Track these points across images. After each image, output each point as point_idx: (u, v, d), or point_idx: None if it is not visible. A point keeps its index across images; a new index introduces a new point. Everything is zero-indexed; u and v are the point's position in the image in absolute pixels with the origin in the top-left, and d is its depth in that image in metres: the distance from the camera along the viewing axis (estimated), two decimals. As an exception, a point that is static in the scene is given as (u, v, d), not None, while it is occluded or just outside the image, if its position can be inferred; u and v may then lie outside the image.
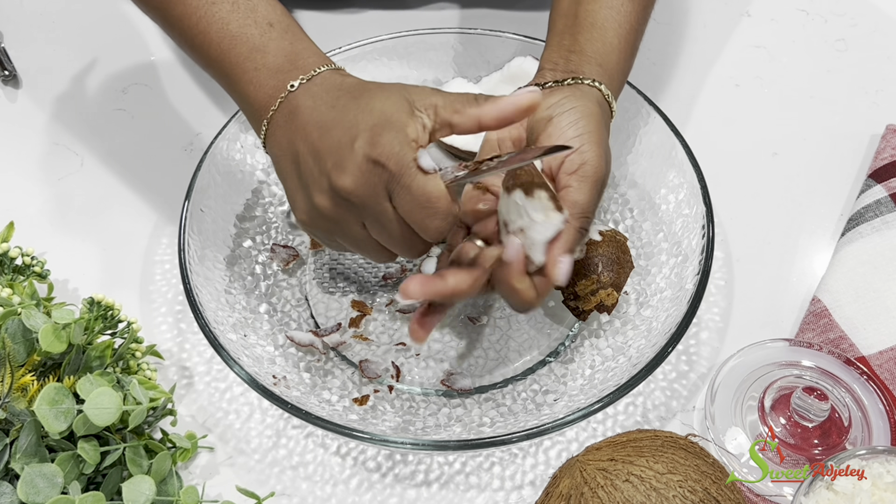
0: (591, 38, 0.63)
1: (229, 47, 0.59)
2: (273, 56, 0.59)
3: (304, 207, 0.57)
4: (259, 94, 0.58)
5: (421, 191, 0.52)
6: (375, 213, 0.54)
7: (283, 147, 0.57)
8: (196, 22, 0.60)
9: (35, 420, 0.57)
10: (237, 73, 0.59)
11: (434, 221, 0.53)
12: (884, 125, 0.82)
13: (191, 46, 0.62)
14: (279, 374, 0.65)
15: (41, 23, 0.98)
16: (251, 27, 0.59)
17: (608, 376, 0.64)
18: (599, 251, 0.67)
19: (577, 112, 0.58)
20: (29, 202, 0.82)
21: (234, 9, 0.60)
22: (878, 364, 0.67)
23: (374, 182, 0.52)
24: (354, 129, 0.53)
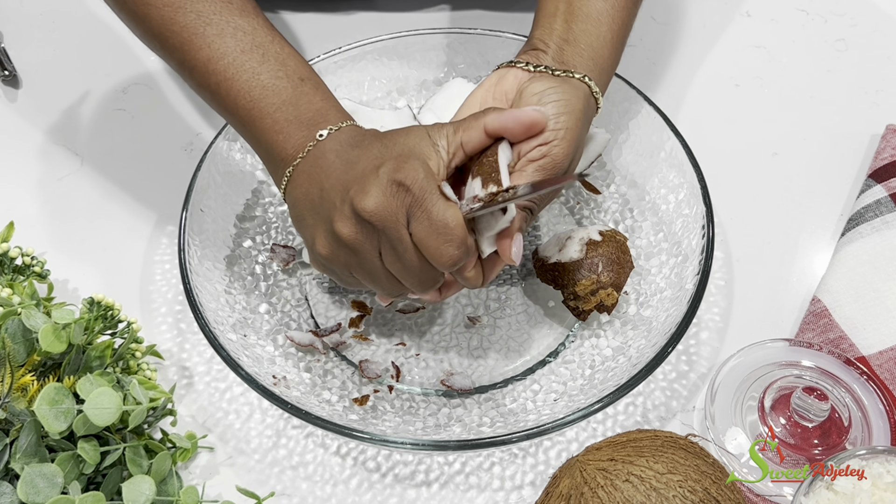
0: (586, 31, 0.63)
1: (260, 97, 0.60)
2: (305, 110, 0.60)
3: (323, 241, 0.57)
4: (287, 145, 0.59)
5: (440, 216, 0.54)
6: (393, 241, 0.55)
7: (303, 189, 0.58)
8: (224, 68, 0.61)
9: (35, 420, 0.57)
10: (266, 123, 0.60)
11: (449, 249, 0.54)
12: (884, 125, 0.82)
13: (213, 92, 0.62)
14: (279, 374, 0.65)
15: (41, 23, 0.98)
16: (283, 80, 0.60)
17: (608, 376, 0.64)
18: (599, 251, 0.67)
19: (561, 106, 0.58)
20: (29, 202, 0.82)
21: (265, 60, 0.61)
22: (878, 364, 0.67)
23: (396, 205, 0.54)
24: (379, 158, 0.55)
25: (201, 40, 0.61)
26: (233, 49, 0.61)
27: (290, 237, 0.76)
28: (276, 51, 0.62)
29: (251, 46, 0.61)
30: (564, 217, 0.77)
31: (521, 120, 0.56)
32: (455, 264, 0.55)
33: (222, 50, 0.61)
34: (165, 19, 0.62)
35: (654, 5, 0.95)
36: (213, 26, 0.61)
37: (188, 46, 0.62)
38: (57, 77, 0.92)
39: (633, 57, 0.91)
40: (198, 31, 0.61)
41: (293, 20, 0.95)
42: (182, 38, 0.62)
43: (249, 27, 0.62)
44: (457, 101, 0.69)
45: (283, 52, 0.62)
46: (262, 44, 0.61)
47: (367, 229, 0.55)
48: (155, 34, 0.64)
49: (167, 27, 0.62)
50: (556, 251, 0.68)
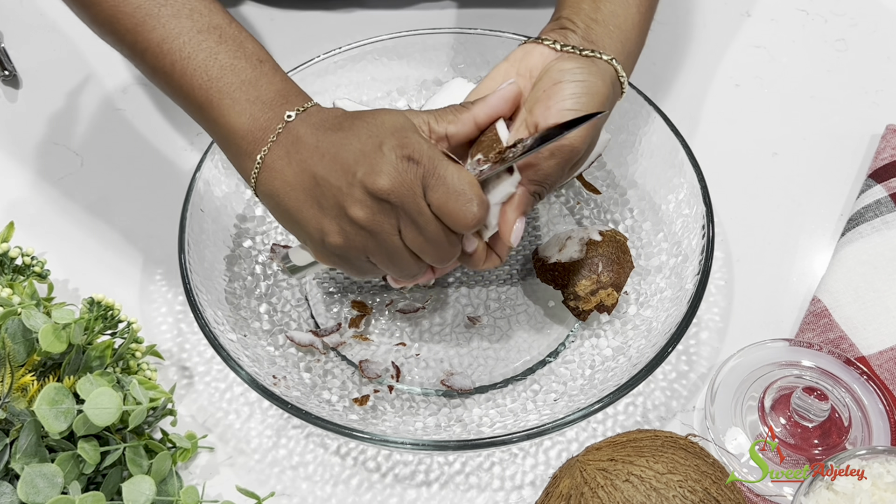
0: (615, 12, 0.62)
1: (218, 76, 0.57)
2: (265, 90, 0.58)
3: (336, 230, 0.55)
4: (253, 127, 0.57)
5: (456, 179, 0.53)
6: (413, 213, 0.54)
7: (289, 180, 0.56)
8: (179, 47, 0.58)
9: (35, 420, 0.57)
10: (226, 104, 0.57)
11: (471, 208, 0.53)
12: (884, 125, 0.82)
13: (168, 73, 0.59)
14: (279, 374, 0.65)
15: (41, 23, 0.98)
16: (242, 60, 0.58)
17: (608, 376, 0.64)
18: (599, 251, 0.67)
19: (583, 87, 0.57)
20: (29, 202, 0.82)
21: (222, 41, 0.59)
22: (878, 364, 0.67)
23: (411, 179, 0.53)
24: (376, 136, 0.54)
25: (155, 20, 0.59)
26: (189, 28, 0.59)
27: (291, 237, 0.76)
28: (234, 32, 0.60)
29: (208, 27, 0.59)
30: (564, 217, 0.77)
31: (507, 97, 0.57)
32: (479, 223, 0.54)
33: (178, 29, 0.59)
34: (117, 1, 0.60)
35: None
36: (167, 7, 0.59)
37: (141, 27, 0.59)
38: (57, 77, 0.92)
39: (633, 57, 0.91)
40: (151, 11, 0.59)
41: (293, 20, 0.95)
42: (135, 20, 0.59)
43: (206, 9, 0.60)
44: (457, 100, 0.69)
45: (241, 35, 0.60)
46: (219, 25, 0.59)
47: (385, 208, 0.53)
48: (106, 18, 0.61)
49: (119, 9, 0.60)
50: (556, 251, 0.68)
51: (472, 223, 0.54)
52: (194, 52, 0.58)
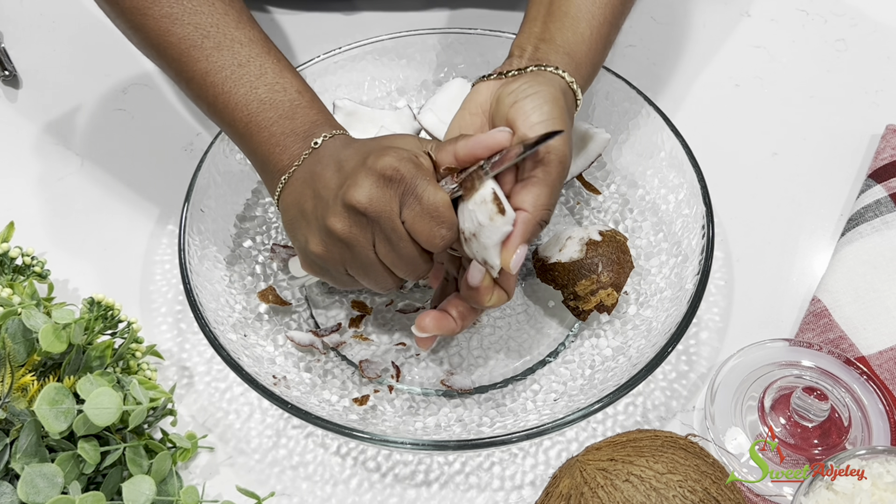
0: (562, 28, 0.63)
1: (257, 111, 0.61)
2: (300, 123, 0.61)
3: (317, 240, 0.58)
4: (283, 156, 0.60)
5: (431, 200, 0.54)
6: (387, 229, 0.55)
7: (296, 194, 0.59)
8: (221, 81, 0.61)
9: (35, 420, 0.57)
10: (263, 136, 0.61)
11: (441, 230, 0.55)
12: (884, 125, 0.82)
13: (211, 104, 0.63)
14: (279, 374, 0.65)
15: (41, 23, 0.98)
16: (280, 93, 0.61)
17: (608, 376, 0.64)
18: (599, 251, 0.67)
19: (540, 97, 0.58)
20: (29, 202, 0.82)
21: (262, 73, 0.61)
22: (878, 364, 0.68)
23: (389, 195, 0.54)
24: (365, 154, 0.56)
25: (199, 52, 0.62)
26: (230, 62, 0.61)
27: (290, 237, 0.76)
28: (273, 63, 0.62)
29: (248, 59, 0.62)
30: (564, 217, 0.77)
31: (488, 145, 0.56)
32: (446, 244, 0.56)
33: (220, 63, 0.61)
34: (163, 31, 0.62)
35: (655, 6, 0.95)
36: (210, 39, 0.62)
37: (185, 58, 0.62)
38: (57, 77, 0.92)
39: (633, 57, 0.91)
40: (195, 43, 0.62)
41: (293, 20, 0.95)
42: (179, 50, 0.62)
43: (246, 39, 0.62)
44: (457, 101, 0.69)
45: (280, 65, 0.63)
46: (258, 55, 0.62)
47: (361, 222, 0.55)
48: (152, 45, 0.64)
49: (164, 38, 0.63)
50: (556, 251, 0.68)
51: (440, 244, 0.56)
52: (235, 86, 0.61)
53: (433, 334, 0.61)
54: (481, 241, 0.56)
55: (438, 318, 0.60)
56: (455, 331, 0.61)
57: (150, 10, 0.63)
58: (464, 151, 0.56)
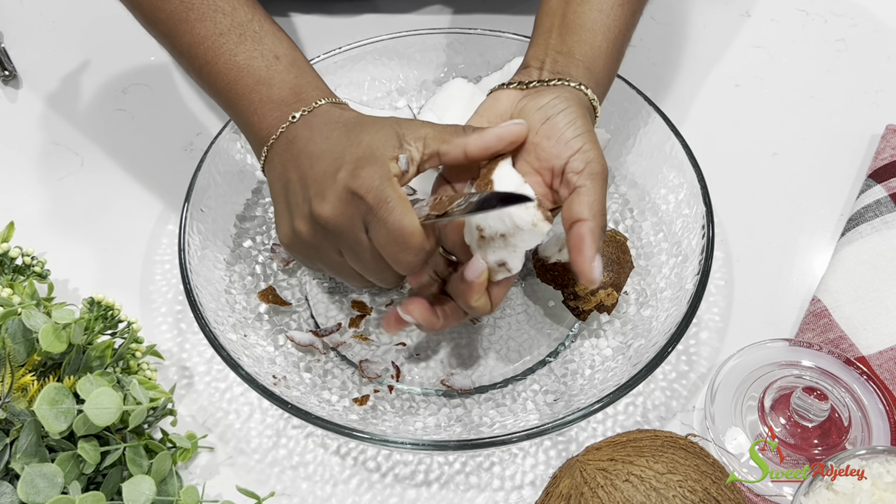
0: (580, 41, 0.63)
1: (236, 79, 0.61)
2: (278, 89, 0.60)
3: (286, 231, 0.59)
4: (262, 125, 0.60)
5: (396, 225, 0.54)
6: (351, 243, 0.56)
7: (277, 173, 0.59)
8: (204, 52, 0.62)
9: (35, 420, 0.57)
10: (243, 104, 0.61)
11: (406, 256, 0.55)
12: (884, 125, 0.82)
13: (199, 75, 0.63)
14: (279, 374, 0.65)
15: (41, 23, 0.98)
16: (257, 59, 0.61)
17: (608, 376, 0.64)
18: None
19: (573, 112, 0.58)
20: (29, 202, 0.82)
21: (241, 41, 0.62)
22: (878, 364, 0.68)
23: (352, 213, 0.55)
24: (340, 160, 0.55)
25: (185, 25, 0.62)
26: (211, 32, 0.62)
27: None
28: (255, 29, 0.62)
29: (229, 28, 0.62)
30: (564, 217, 0.77)
31: (503, 137, 0.56)
32: (413, 270, 0.56)
33: (202, 34, 0.62)
34: (154, 7, 0.64)
35: (655, 6, 0.95)
36: (194, 11, 0.62)
37: (174, 33, 0.63)
38: (57, 77, 0.92)
39: (634, 57, 0.91)
40: (181, 16, 0.62)
41: (293, 21, 0.95)
42: (168, 26, 0.63)
43: (229, 7, 0.62)
44: (457, 101, 0.70)
45: (262, 31, 0.62)
46: (240, 23, 0.62)
47: (324, 232, 0.56)
48: (148, 21, 0.66)
49: (156, 15, 0.64)
50: (556, 251, 0.68)
51: (407, 270, 0.56)
52: (216, 56, 0.61)
53: (415, 322, 0.59)
54: (512, 242, 0.55)
55: (424, 308, 0.59)
56: (435, 327, 0.60)
57: None
58: (476, 145, 0.56)
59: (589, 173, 0.56)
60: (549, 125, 0.58)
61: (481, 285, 0.57)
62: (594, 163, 0.57)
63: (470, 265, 0.57)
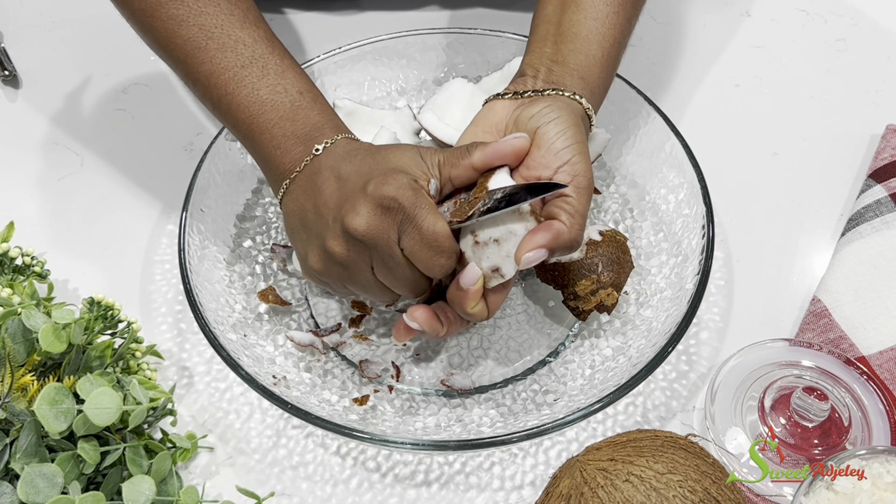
0: (575, 50, 0.63)
1: (258, 112, 0.61)
2: (301, 125, 0.61)
3: (316, 258, 0.59)
4: (285, 159, 0.60)
5: (431, 230, 0.55)
6: (384, 256, 0.56)
7: (298, 203, 0.60)
8: (224, 83, 0.62)
9: (35, 420, 0.57)
10: (265, 138, 0.61)
11: (441, 259, 0.56)
12: (884, 125, 0.82)
13: (215, 105, 0.63)
14: (279, 374, 0.65)
15: (41, 23, 0.98)
16: (281, 94, 0.61)
17: (608, 376, 0.64)
18: (599, 251, 0.67)
19: (563, 122, 0.58)
20: (29, 202, 0.82)
21: (264, 74, 0.62)
22: (878, 364, 0.68)
23: (387, 223, 0.55)
24: (368, 175, 0.56)
25: (203, 54, 0.62)
26: (233, 63, 0.62)
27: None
28: (276, 63, 0.62)
29: (251, 60, 0.62)
30: (564, 217, 0.77)
31: (504, 151, 0.56)
32: (446, 273, 0.57)
33: (223, 64, 0.62)
34: (169, 32, 0.63)
35: (655, 6, 0.95)
36: (214, 40, 0.62)
37: (191, 60, 0.63)
38: (57, 77, 0.92)
39: (634, 57, 0.91)
40: (200, 44, 0.62)
41: (293, 20, 0.95)
42: (185, 52, 0.63)
43: (250, 39, 0.62)
44: (457, 101, 0.70)
45: (283, 65, 0.63)
46: (262, 56, 0.62)
47: (359, 247, 0.56)
48: (160, 46, 0.65)
49: (171, 40, 0.63)
50: (556, 251, 0.68)
51: (439, 272, 0.57)
52: (237, 88, 0.61)
53: (420, 329, 0.60)
54: (505, 247, 0.56)
55: (429, 315, 0.59)
56: (439, 334, 0.60)
57: (157, 13, 0.63)
58: (480, 160, 0.56)
59: (575, 186, 0.57)
60: (539, 134, 0.58)
61: (477, 292, 0.57)
62: (581, 177, 0.57)
63: (465, 273, 0.57)
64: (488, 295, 0.58)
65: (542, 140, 0.58)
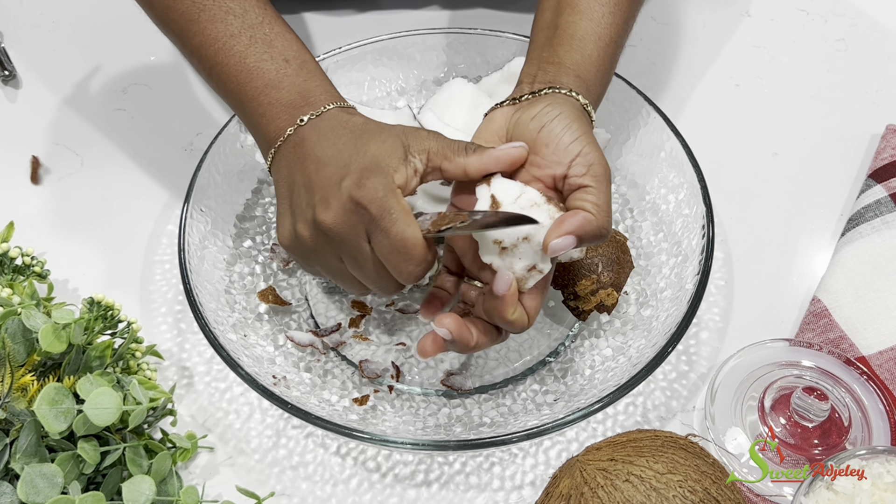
0: (570, 50, 0.63)
1: (245, 81, 0.61)
2: (287, 92, 0.61)
3: (287, 233, 0.59)
4: (270, 127, 0.60)
5: (399, 237, 0.54)
6: (352, 251, 0.56)
7: (283, 174, 0.60)
8: (214, 53, 0.62)
9: (35, 420, 0.57)
10: (252, 106, 0.61)
11: (408, 266, 0.55)
12: (884, 125, 0.82)
13: (209, 76, 0.64)
14: (279, 374, 0.65)
15: (41, 23, 0.98)
16: (267, 62, 0.61)
17: (608, 376, 0.64)
18: (599, 251, 0.67)
19: (567, 117, 0.57)
20: (29, 202, 0.82)
21: (252, 43, 0.62)
22: (878, 364, 0.68)
23: (355, 222, 0.55)
24: (346, 168, 0.55)
25: (196, 27, 0.63)
26: (222, 34, 0.62)
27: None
28: (265, 32, 0.63)
29: (240, 30, 0.62)
30: (564, 217, 0.77)
31: (501, 159, 0.56)
32: (415, 280, 0.56)
33: (213, 35, 0.62)
34: (165, 7, 0.64)
35: (654, 6, 0.95)
36: (206, 12, 0.63)
37: (185, 33, 0.64)
38: (57, 77, 0.92)
39: (633, 57, 0.91)
40: (192, 17, 0.63)
41: (293, 20, 0.95)
42: (180, 26, 0.64)
43: (240, 9, 0.63)
44: (457, 101, 0.70)
45: (272, 33, 0.63)
46: (251, 26, 0.62)
47: (326, 238, 0.56)
48: (159, 21, 0.66)
49: (167, 15, 0.64)
50: (556, 251, 0.68)
51: (409, 280, 0.56)
52: (226, 58, 0.62)
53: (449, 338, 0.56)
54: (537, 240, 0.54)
55: (459, 323, 0.56)
56: (469, 344, 0.56)
57: None
58: (475, 167, 0.56)
59: (592, 176, 0.56)
60: (545, 132, 0.57)
61: (513, 296, 0.55)
62: (596, 165, 0.56)
63: (497, 280, 0.54)
64: (525, 300, 0.56)
65: (549, 137, 0.57)
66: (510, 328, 0.56)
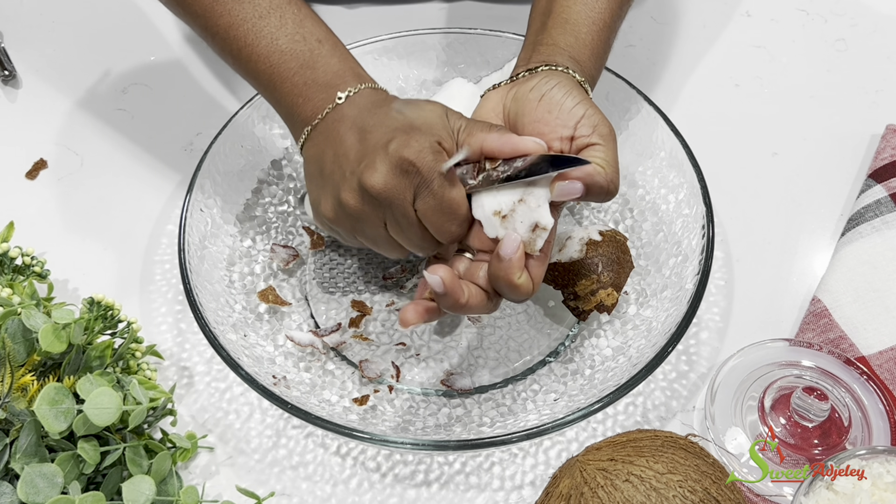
0: (564, 33, 0.63)
1: (279, 62, 0.62)
2: (322, 72, 0.61)
3: (329, 206, 0.59)
4: (307, 106, 0.61)
5: (446, 197, 0.55)
6: (398, 216, 0.56)
7: (318, 149, 0.60)
8: (244, 34, 0.62)
9: (35, 420, 0.57)
10: (286, 87, 0.61)
11: (452, 226, 0.56)
12: (884, 125, 0.82)
13: (235, 58, 0.64)
14: (279, 374, 0.65)
15: (41, 23, 0.98)
16: (300, 43, 0.62)
17: (608, 376, 0.64)
18: (599, 251, 0.67)
19: (566, 85, 0.58)
20: (29, 202, 0.82)
21: (283, 24, 0.62)
22: (878, 364, 0.68)
23: (404, 184, 0.55)
24: (392, 132, 0.56)
25: (221, 7, 0.63)
26: (251, 14, 0.62)
27: (290, 237, 0.76)
28: (294, 12, 0.63)
29: (268, 10, 0.62)
30: (564, 217, 0.77)
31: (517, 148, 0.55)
32: (456, 240, 0.57)
33: (242, 15, 0.62)
34: None
35: (654, 5, 0.95)
36: None
37: (210, 13, 0.63)
38: (57, 77, 0.92)
39: (633, 57, 0.91)
40: None
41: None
42: (203, 6, 0.63)
43: None
44: (457, 100, 0.69)
45: (301, 14, 0.63)
46: (279, 5, 0.63)
47: (374, 203, 0.56)
48: (178, 2, 0.65)
49: None
50: (556, 251, 0.68)
51: (449, 238, 0.57)
52: (257, 38, 0.62)
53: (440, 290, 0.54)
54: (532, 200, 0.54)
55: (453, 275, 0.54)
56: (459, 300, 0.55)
57: None
58: (491, 146, 0.56)
59: (599, 135, 0.57)
60: (546, 100, 0.58)
61: (520, 259, 0.55)
62: (601, 125, 0.57)
63: (503, 243, 0.54)
64: (529, 267, 0.56)
65: (551, 104, 0.57)
66: (515, 293, 0.55)
